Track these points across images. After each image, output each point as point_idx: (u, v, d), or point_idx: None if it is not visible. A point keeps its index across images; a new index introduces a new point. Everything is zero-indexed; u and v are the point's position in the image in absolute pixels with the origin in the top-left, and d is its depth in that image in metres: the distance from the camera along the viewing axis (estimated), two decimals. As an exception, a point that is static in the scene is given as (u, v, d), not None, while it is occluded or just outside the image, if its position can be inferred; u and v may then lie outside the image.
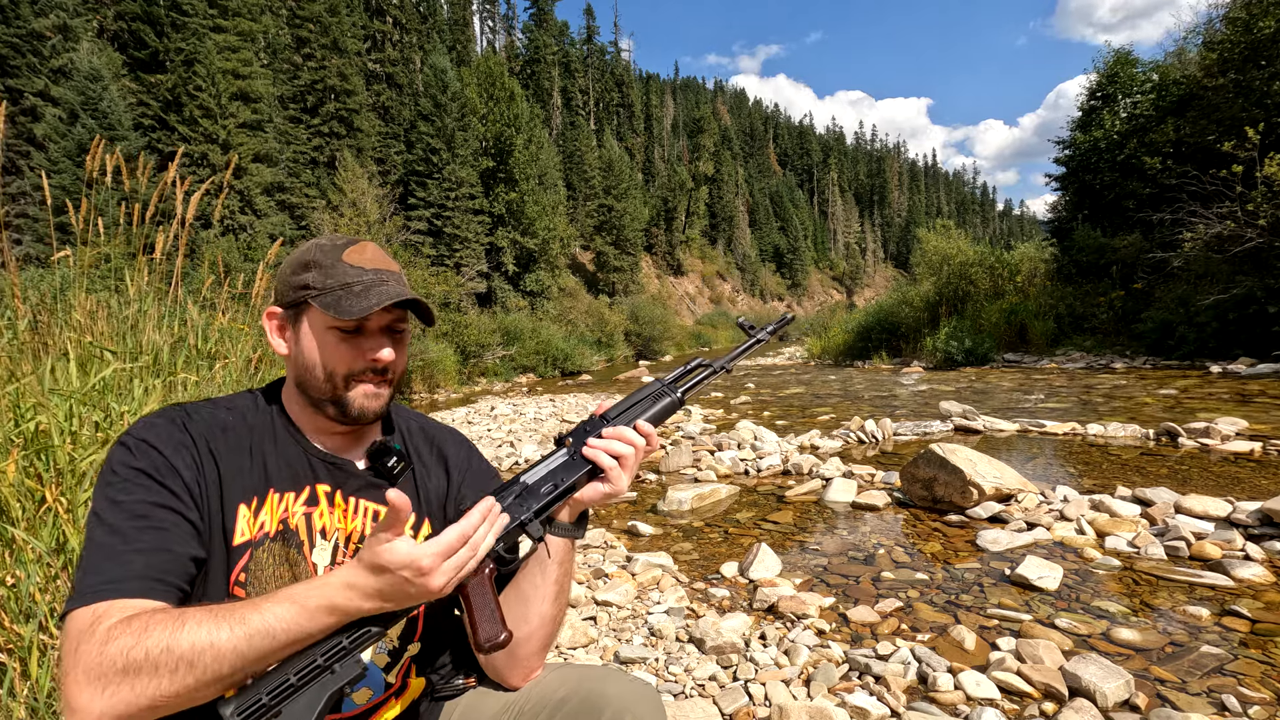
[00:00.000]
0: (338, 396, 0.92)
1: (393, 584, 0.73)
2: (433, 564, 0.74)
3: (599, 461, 0.93)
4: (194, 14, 18.40)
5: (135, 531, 0.78)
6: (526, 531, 0.90)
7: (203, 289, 3.28)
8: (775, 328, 1.18)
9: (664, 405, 1.00)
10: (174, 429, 0.88)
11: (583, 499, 0.96)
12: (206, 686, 0.70)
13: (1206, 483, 4.01)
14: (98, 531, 0.78)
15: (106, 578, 0.75)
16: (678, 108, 71.19)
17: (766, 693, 2.00)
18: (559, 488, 0.92)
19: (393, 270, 0.95)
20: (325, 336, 0.91)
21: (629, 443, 0.95)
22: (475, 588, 0.85)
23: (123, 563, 0.76)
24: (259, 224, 18.91)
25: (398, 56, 30.29)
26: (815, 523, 3.76)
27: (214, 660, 0.69)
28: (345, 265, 0.91)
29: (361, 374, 0.92)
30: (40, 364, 2.19)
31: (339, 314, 0.87)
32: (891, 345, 16.46)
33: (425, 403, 14.24)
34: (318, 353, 0.91)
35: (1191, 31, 14.94)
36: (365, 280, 0.91)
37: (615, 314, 30.59)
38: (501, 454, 6.40)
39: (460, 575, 0.77)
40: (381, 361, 0.92)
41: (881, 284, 72.50)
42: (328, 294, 0.89)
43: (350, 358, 0.91)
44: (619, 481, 0.94)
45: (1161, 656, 2.09)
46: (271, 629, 0.71)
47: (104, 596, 0.73)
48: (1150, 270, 12.82)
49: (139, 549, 0.77)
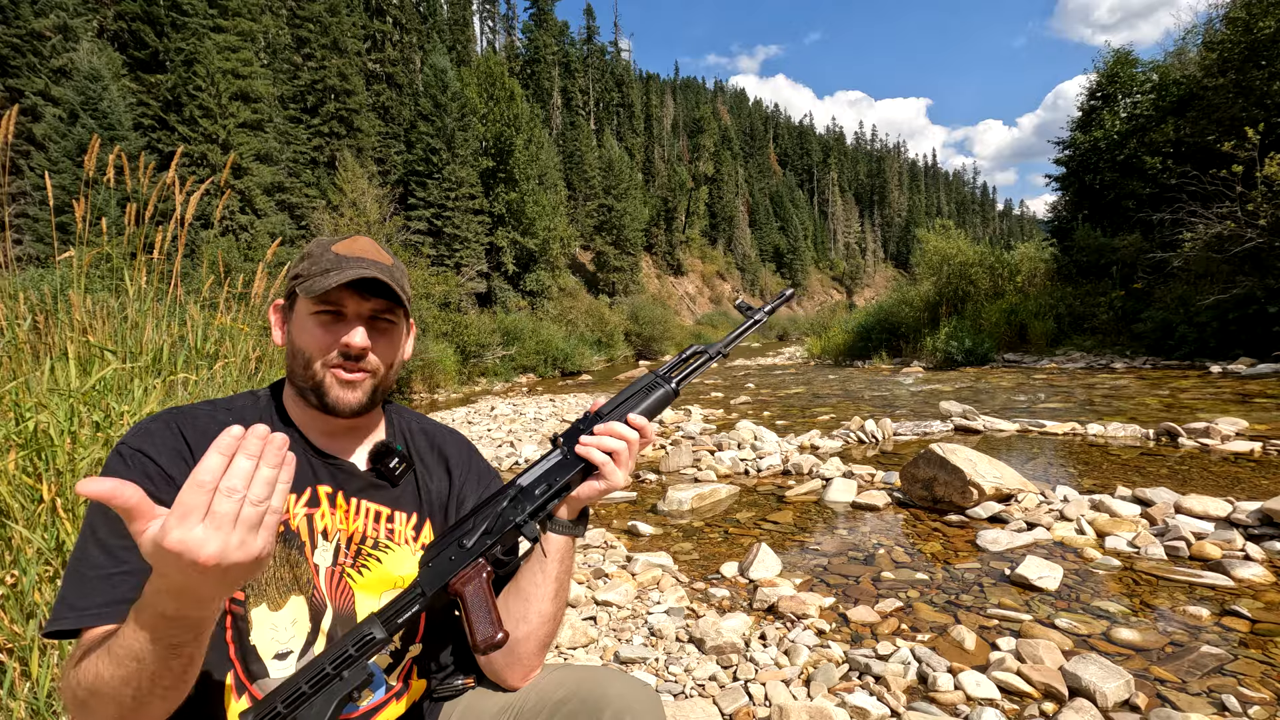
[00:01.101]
0: (316, 383, 0.93)
1: (177, 574, 0.58)
2: (181, 536, 0.55)
3: (590, 458, 0.93)
4: (194, 14, 18.40)
5: (124, 551, 0.78)
6: (522, 533, 0.91)
7: (203, 289, 3.28)
8: (773, 306, 1.17)
9: (657, 396, 0.99)
10: (169, 435, 0.88)
11: (580, 496, 0.96)
12: (130, 712, 0.67)
13: (1206, 483, 4.01)
14: (90, 547, 0.79)
15: (92, 603, 0.76)
16: (678, 108, 71.20)
17: (766, 693, 2.00)
18: (553, 488, 0.93)
19: (380, 261, 0.95)
20: (306, 322, 0.93)
21: (620, 437, 0.94)
22: (472, 590, 0.85)
23: (111, 585, 0.77)
24: (259, 224, 18.90)
25: (398, 56, 30.28)
26: (815, 523, 3.76)
27: (111, 690, 0.66)
28: (333, 254, 0.93)
29: (336, 361, 0.92)
30: (40, 364, 2.19)
31: (307, 292, 0.89)
32: (891, 345, 16.46)
33: (425, 403, 14.24)
34: (301, 338, 0.93)
35: (1191, 31, 14.97)
36: (343, 264, 0.91)
37: (615, 314, 30.60)
38: (501, 454, 6.40)
39: (244, 523, 0.58)
40: (353, 347, 0.91)
41: (881, 284, 72.50)
42: (308, 279, 0.91)
43: (325, 342, 0.92)
44: (613, 476, 0.94)
45: (1161, 656, 2.09)
46: (132, 649, 0.64)
47: (86, 624, 0.76)
48: (1150, 270, 12.83)
49: (127, 571, 0.78)
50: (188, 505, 0.56)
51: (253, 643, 0.87)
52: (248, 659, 0.86)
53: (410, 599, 0.86)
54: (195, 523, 0.56)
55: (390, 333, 0.97)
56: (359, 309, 0.93)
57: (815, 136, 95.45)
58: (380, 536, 0.98)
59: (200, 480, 0.57)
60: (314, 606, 0.92)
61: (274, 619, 0.89)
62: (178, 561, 0.56)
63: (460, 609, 0.87)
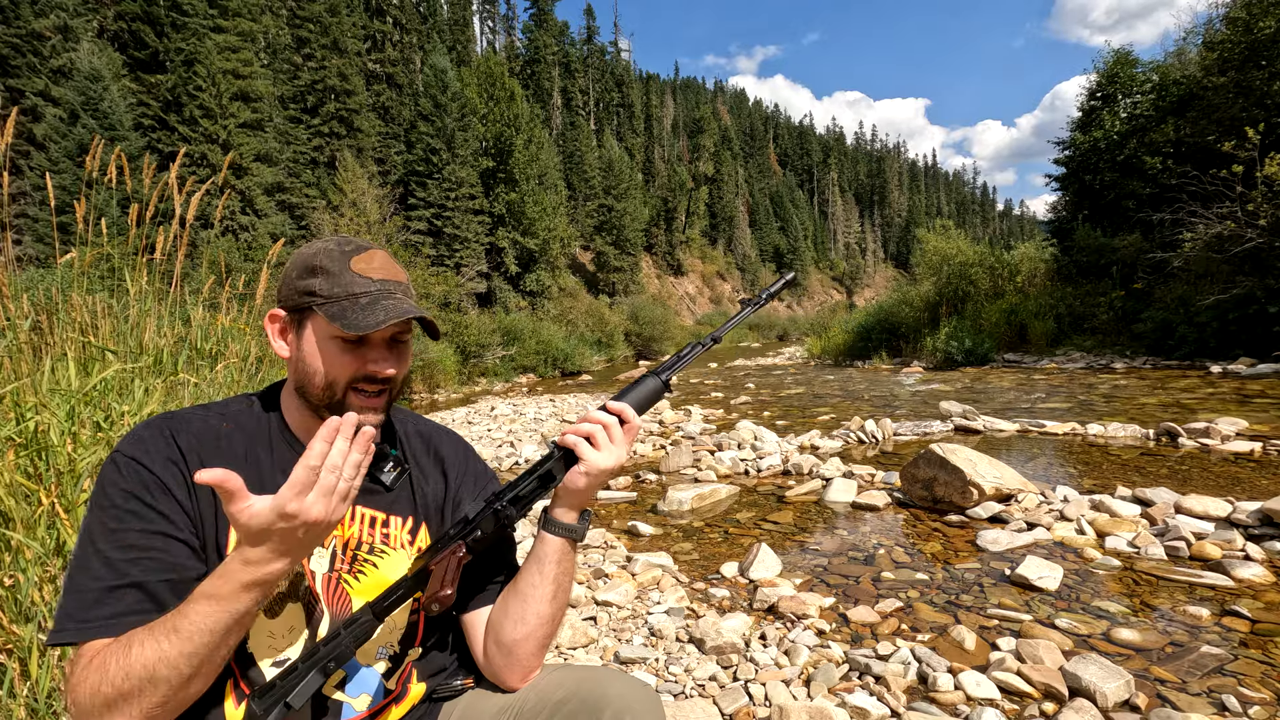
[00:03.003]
0: (336, 402, 0.92)
1: (280, 536, 0.74)
2: (298, 504, 0.73)
3: (565, 442, 0.96)
4: (194, 14, 18.39)
5: (126, 564, 0.79)
6: (499, 517, 0.94)
7: (204, 289, 3.28)
8: (773, 291, 1.19)
9: (644, 387, 1.02)
10: (161, 442, 0.87)
11: (569, 488, 0.97)
12: (178, 691, 0.74)
13: (1206, 483, 4.01)
14: (91, 559, 0.79)
15: (96, 615, 0.77)
16: (678, 108, 71.19)
17: (766, 693, 2.00)
18: (533, 473, 0.97)
19: (399, 280, 0.94)
20: (328, 345, 0.90)
21: (595, 421, 0.96)
22: (441, 563, 0.91)
23: (115, 598, 0.78)
24: (259, 224, 18.90)
25: (398, 56, 30.28)
26: (815, 523, 3.76)
27: (170, 670, 0.72)
28: (353, 275, 0.90)
29: (361, 383, 0.92)
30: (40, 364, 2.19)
31: (346, 327, 0.86)
32: (891, 345, 16.46)
33: (425, 403, 14.24)
34: (320, 360, 0.90)
35: (1191, 31, 14.97)
36: (373, 292, 0.90)
37: (615, 314, 30.59)
38: (502, 454, 6.40)
39: (338, 495, 0.76)
40: (383, 374, 0.91)
41: (881, 284, 72.49)
42: (333, 303, 0.88)
43: (353, 368, 0.91)
44: (589, 456, 0.94)
45: (1161, 656, 2.09)
46: (200, 626, 0.73)
47: (89, 637, 0.77)
48: (1150, 270, 12.82)
49: (130, 584, 0.78)
50: (301, 480, 0.74)
51: (250, 650, 0.87)
52: (245, 666, 0.87)
53: (398, 584, 0.91)
54: (306, 492, 0.74)
55: (405, 349, 0.97)
56: (385, 333, 0.92)
57: (815, 137, 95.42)
58: (376, 541, 0.98)
59: (310, 463, 0.74)
60: (311, 613, 0.91)
61: (271, 626, 0.89)
62: (289, 523, 0.73)
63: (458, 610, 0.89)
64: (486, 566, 1.05)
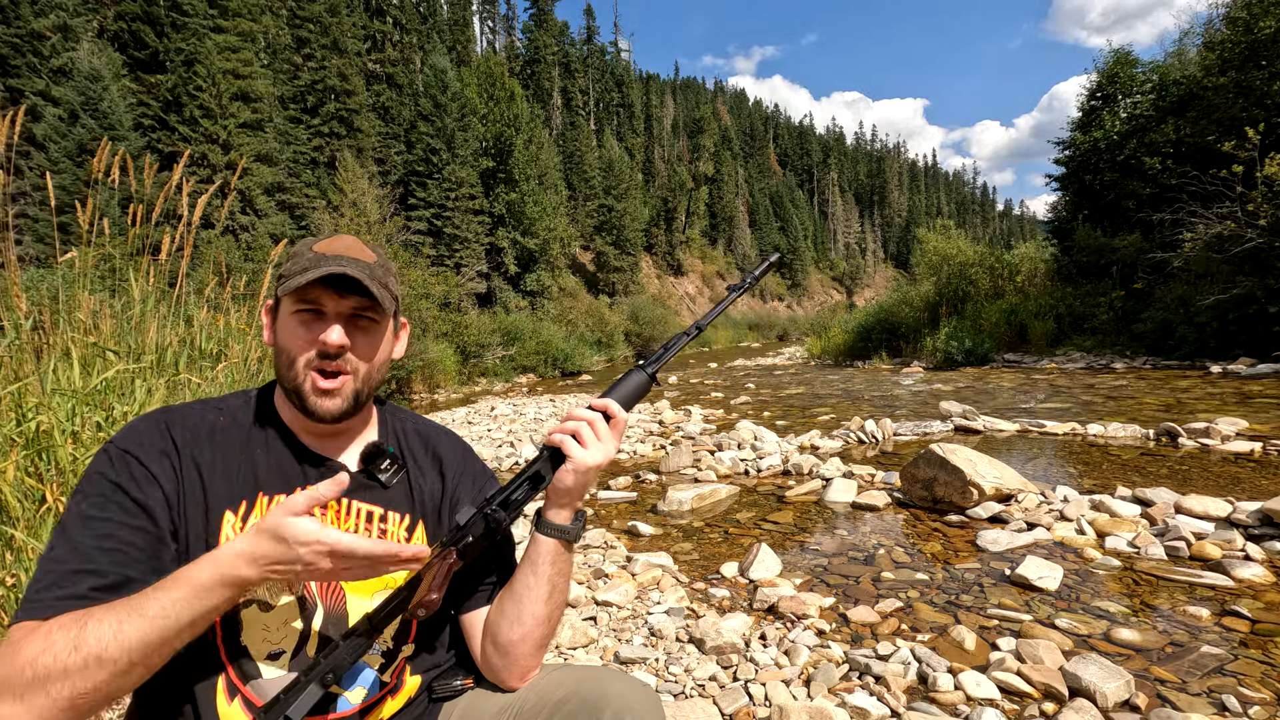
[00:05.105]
0: (297, 385, 0.93)
1: (288, 556, 0.75)
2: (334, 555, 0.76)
3: (551, 441, 0.97)
4: (194, 14, 18.40)
5: (98, 554, 0.79)
6: (490, 520, 0.93)
7: (205, 290, 3.28)
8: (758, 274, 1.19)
9: (630, 382, 1.02)
10: (156, 435, 0.89)
11: (560, 487, 0.97)
12: (115, 679, 0.71)
13: (1206, 483, 4.01)
14: (62, 543, 0.79)
15: (55, 595, 0.76)
16: (678, 108, 71.19)
17: (766, 693, 2.00)
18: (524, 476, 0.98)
19: (360, 259, 0.94)
20: (288, 321, 0.93)
21: (580, 418, 0.97)
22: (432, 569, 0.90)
23: (74, 581, 0.77)
24: (260, 224, 18.91)
25: (398, 57, 30.28)
26: (815, 523, 3.76)
27: (120, 651, 0.70)
28: (314, 254, 0.92)
29: (315, 361, 0.92)
30: (42, 364, 2.19)
31: (286, 291, 0.90)
32: (891, 345, 16.45)
33: (425, 403, 14.24)
34: (281, 337, 0.94)
35: (1191, 31, 14.97)
36: (321, 262, 0.91)
37: (615, 314, 30.59)
38: (501, 454, 6.40)
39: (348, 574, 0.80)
40: (329, 345, 0.90)
41: (881, 284, 72.47)
42: (289, 277, 0.91)
43: (304, 340, 0.92)
44: (577, 454, 0.95)
45: (1161, 657, 2.09)
46: (168, 612, 0.72)
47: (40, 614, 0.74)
48: (1150, 270, 12.82)
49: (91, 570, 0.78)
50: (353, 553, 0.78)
51: (244, 643, 0.87)
52: (240, 660, 0.87)
53: (394, 595, 0.90)
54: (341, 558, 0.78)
55: (371, 331, 0.96)
56: (338, 307, 0.93)
57: (815, 137, 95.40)
58: (373, 537, 0.99)
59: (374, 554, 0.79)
60: (305, 607, 0.92)
61: (265, 619, 0.89)
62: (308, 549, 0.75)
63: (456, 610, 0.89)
64: (483, 567, 1.06)
